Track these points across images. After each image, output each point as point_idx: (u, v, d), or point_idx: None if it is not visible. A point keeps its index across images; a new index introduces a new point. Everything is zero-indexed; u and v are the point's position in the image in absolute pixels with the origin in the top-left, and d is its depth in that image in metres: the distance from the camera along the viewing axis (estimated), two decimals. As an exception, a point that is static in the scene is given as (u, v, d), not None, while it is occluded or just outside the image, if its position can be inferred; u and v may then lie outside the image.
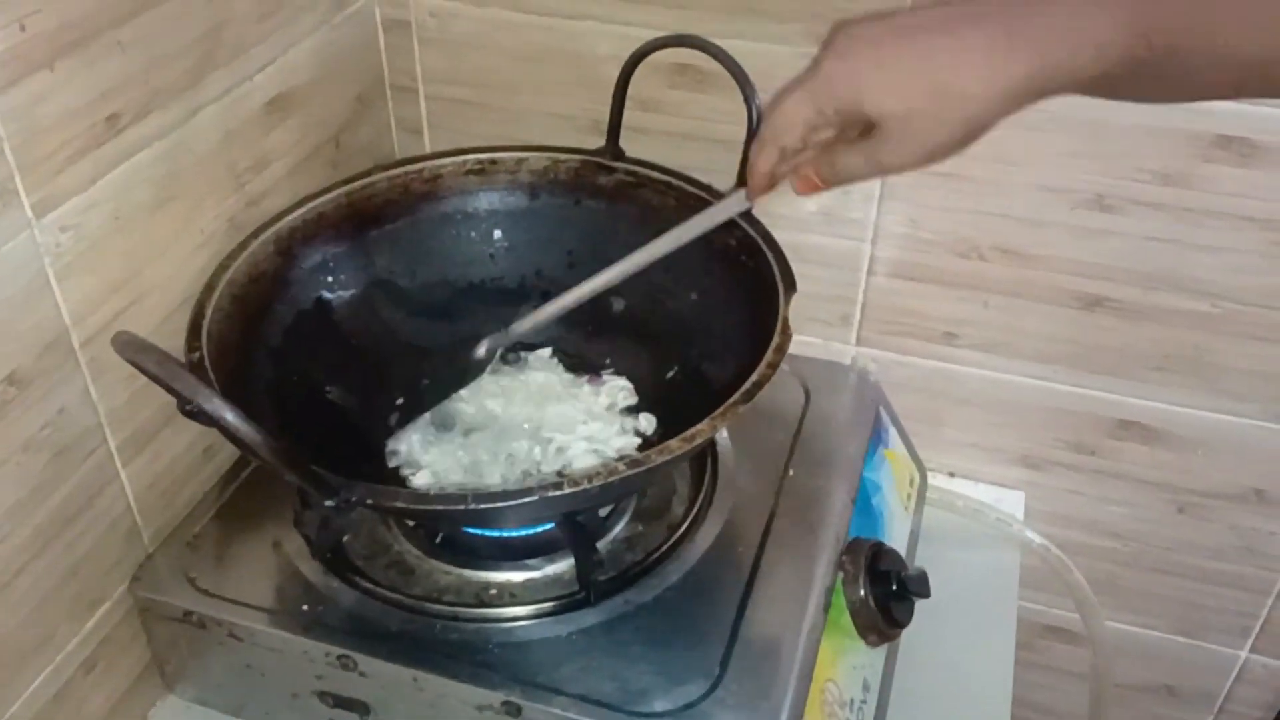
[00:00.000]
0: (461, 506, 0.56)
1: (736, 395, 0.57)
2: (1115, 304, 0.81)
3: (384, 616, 0.64)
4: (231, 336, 0.63)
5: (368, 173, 0.75)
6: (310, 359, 0.70)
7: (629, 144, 0.76)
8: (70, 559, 0.64)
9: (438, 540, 0.69)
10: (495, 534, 0.69)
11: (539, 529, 0.69)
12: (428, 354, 0.75)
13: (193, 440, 0.72)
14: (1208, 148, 0.72)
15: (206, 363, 0.59)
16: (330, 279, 0.73)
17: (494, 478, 0.69)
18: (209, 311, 0.62)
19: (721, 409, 0.56)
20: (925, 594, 0.71)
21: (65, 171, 0.57)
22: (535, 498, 0.54)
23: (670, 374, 0.74)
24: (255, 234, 0.69)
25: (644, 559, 0.67)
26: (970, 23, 0.47)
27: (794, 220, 0.83)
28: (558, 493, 0.54)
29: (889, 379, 0.88)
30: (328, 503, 0.54)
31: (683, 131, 0.82)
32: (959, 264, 0.83)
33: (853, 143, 0.51)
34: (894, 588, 0.70)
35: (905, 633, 0.73)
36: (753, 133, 0.69)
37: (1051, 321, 0.83)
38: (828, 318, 0.88)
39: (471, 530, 0.69)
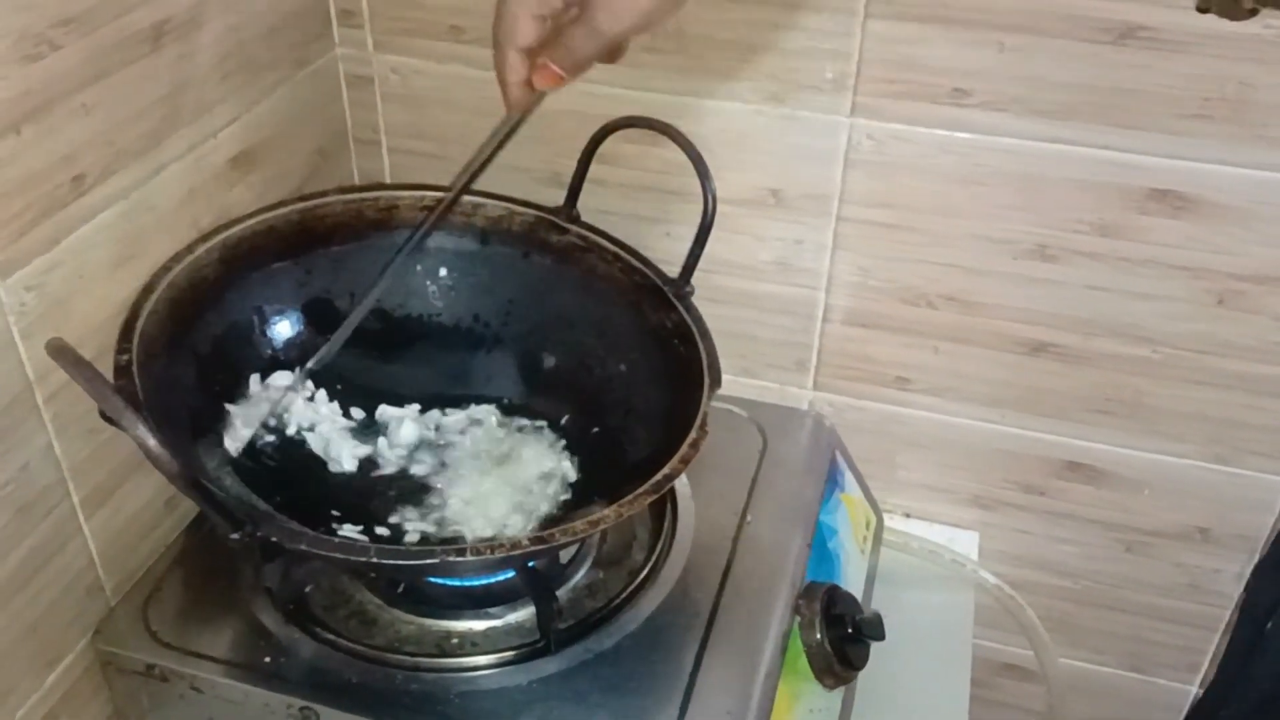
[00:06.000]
0: (364, 559, 0.57)
1: (646, 486, 0.58)
2: (1058, 349, 0.83)
3: (345, 667, 0.64)
4: (161, 338, 0.62)
5: (324, 193, 0.75)
6: (235, 371, 0.70)
7: (587, 195, 0.78)
8: (32, 614, 0.64)
9: (399, 589, 0.70)
10: (457, 583, 0.70)
11: (500, 576, 0.70)
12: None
13: (155, 493, 0.72)
14: (1142, 200, 0.75)
15: (134, 367, 0.58)
16: (268, 293, 0.72)
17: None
18: (144, 314, 0.61)
19: (630, 497, 0.58)
20: (880, 637, 0.72)
21: (29, 233, 0.58)
22: (438, 560, 0.56)
23: (595, 430, 0.74)
24: (203, 239, 0.68)
25: (604, 606, 0.68)
26: None
27: (751, 270, 0.86)
28: (460, 559, 0.56)
29: (844, 423, 0.90)
30: (232, 535, 0.54)
31: (640, 184, 0.84)
32: (909, 311, 0.85)
33: (576, 20, 0.52)
34: (849, 631, 0.72)
35: (862, 674, 0.74)
36: (709, 220, 0.69)
37: (998, 366, 0.85)
38: (784, 364, 0.90)
39: (434, 580, 0.70)
